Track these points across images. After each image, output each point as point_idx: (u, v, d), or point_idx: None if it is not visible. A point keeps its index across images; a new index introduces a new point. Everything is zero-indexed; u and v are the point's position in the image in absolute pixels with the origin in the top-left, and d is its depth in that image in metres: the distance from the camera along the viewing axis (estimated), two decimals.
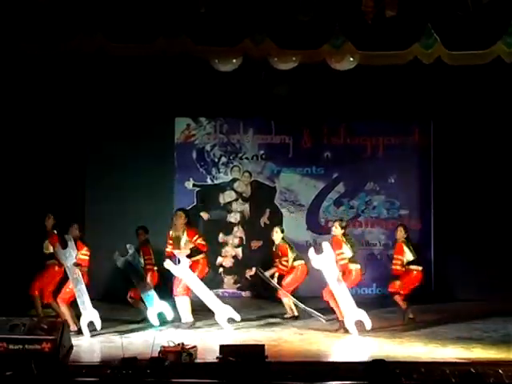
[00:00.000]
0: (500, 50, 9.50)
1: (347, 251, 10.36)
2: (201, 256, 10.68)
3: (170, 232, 10.78)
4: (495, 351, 8.91)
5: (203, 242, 10.72)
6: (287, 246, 11.25)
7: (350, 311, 9.98)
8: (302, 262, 11.09)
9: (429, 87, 12.63)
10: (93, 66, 11.67)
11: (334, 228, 10.61)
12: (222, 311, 10.33)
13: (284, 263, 11.15)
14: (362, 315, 9.96)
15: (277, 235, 11.31)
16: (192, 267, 10.50)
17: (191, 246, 10.60)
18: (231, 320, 10.31)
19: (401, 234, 10.81)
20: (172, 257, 10.75)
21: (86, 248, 10.38)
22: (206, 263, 10.87)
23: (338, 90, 12.66)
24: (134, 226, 11.29)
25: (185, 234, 10.66)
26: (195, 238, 10.65)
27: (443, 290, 12.93)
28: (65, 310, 10.23)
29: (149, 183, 12.95)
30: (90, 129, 13.04)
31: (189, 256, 10.57)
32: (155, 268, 10.80)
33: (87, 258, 10.34)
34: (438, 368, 7.79)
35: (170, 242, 10.70)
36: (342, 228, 10.51)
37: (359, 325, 10.00)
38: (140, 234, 10.98)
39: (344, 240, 10.42)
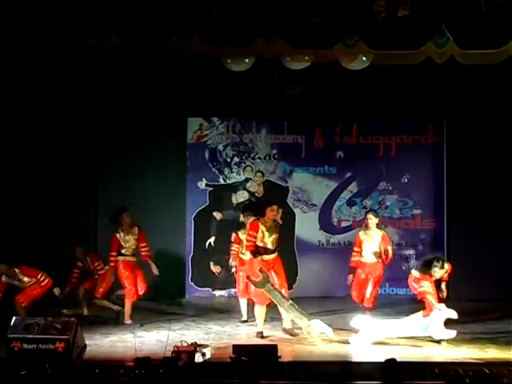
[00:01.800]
0: None
1: None
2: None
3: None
4: (510, 351, 8.87)
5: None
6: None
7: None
8: None
9: (441, 86, 12.60)
10: (106, 67, 11.69)
11: (370, 220, 10.58)
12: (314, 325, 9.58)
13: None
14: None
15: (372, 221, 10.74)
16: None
17: None
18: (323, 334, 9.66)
19: None
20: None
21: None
22: None
23: (351, 90, 12.64)
24: (146, 227, 11.31)
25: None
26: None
27: (456, 290, 12.87)
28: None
29: (161, 183, 12.97)
30: (102, 129, 13.07)
31: None
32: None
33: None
34: (451, 368, 7.77)
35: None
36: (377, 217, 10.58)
37: None
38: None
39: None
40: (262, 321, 9.87)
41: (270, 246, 9.80)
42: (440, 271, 9.71)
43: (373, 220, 10.60)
